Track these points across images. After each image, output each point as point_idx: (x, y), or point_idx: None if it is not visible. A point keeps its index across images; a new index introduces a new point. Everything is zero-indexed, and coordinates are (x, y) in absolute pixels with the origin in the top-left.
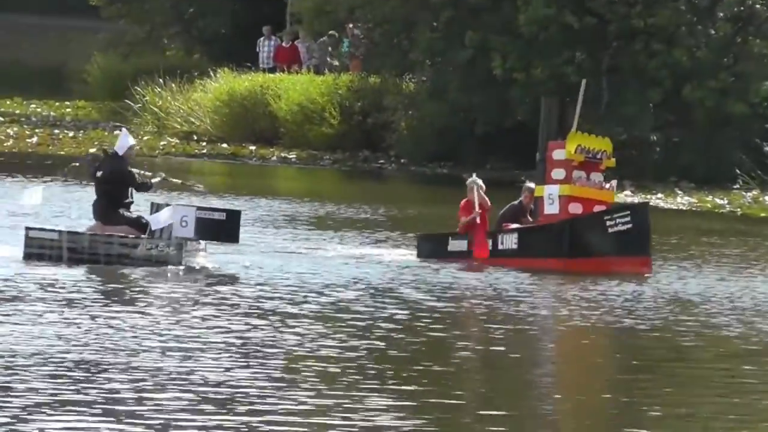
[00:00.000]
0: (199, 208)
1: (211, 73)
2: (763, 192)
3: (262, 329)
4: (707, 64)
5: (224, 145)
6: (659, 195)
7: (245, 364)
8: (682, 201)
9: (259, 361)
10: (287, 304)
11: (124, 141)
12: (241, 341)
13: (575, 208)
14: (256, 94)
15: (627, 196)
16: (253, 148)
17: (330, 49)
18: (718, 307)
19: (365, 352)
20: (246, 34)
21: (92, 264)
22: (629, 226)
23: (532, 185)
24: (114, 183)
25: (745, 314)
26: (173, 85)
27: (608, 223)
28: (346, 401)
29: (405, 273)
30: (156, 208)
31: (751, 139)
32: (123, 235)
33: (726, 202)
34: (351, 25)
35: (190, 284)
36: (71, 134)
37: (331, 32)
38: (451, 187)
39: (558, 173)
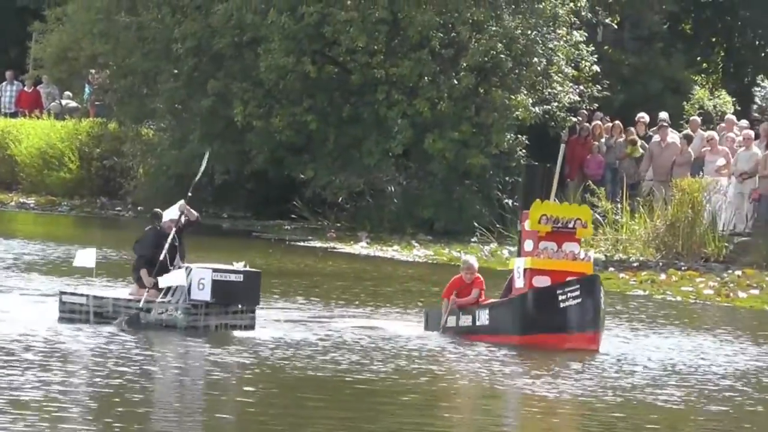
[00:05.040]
0: (215, 270)
1: None
2: (501, 245)
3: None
4: (449, 115)
5: None
6: (395, 247)
7: None
8: (418, 254)
9: None
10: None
11: (168, 215)
12: None
13: (541, 281)
14: None
15: (363, 248)
16: None
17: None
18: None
19: None
20: None
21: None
22: (579, 300)
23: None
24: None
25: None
26: None
27: (560, 297)
28: None
29: None
30: (189, 271)
31: (491, 192)
32: (137, 299)
33: (463, 255)
34: (93, 71)
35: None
36: None
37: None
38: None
39: (528, 244)
